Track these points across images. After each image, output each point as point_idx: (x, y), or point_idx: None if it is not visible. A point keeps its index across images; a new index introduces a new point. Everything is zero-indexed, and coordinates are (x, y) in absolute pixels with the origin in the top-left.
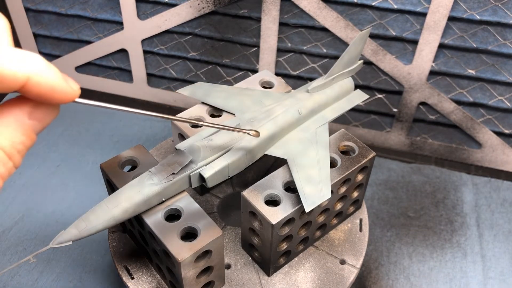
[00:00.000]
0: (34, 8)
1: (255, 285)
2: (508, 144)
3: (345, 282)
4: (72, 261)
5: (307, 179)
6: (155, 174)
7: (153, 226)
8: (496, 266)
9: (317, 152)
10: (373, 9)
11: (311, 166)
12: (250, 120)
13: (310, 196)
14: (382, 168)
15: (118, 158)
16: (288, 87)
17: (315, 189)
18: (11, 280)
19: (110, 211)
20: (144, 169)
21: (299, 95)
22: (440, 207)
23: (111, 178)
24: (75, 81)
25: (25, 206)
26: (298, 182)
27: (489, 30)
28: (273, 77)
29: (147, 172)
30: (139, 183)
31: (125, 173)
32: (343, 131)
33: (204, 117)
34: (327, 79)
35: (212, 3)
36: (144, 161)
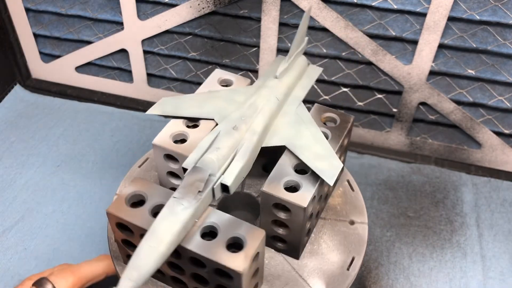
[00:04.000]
0: (34, 8)
1: (290, 271)
2: (508, 144)
3: (363, 238)
4: (72, 261)
5: (315, 156)
6: (182, 198)
7: (198, 249)
8: (496, 266)
9: (309, 130)
10: (373, 9)
11: (312, 144)
12: (241, 119)
13: (326, 170)
14: (382, 168)
15: (122, 198)
16: (247, 80)
17: (327, 163)
18: (11, 280)
19: (156, 250)
20: (156, 199)
21: (269, 83)
22: (440, 207)
23: (125, 220)
24: (75, 81)
25: (25, 206)
26: (309, 162)
27: (489, 30)
28: (228, 74)
29: (172, 199)
30: (171, 213)
31: (139, 210)
32: (317, 105)
33: (185, 131)
34: (289, 62)
35: (212, 3)
36: (151, 192)
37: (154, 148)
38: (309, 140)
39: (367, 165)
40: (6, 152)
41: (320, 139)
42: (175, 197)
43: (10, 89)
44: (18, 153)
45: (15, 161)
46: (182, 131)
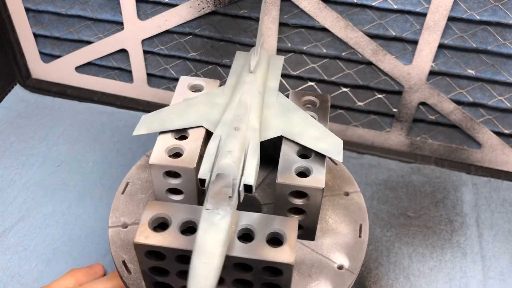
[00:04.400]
0: (34, 8)
1: (311, 253)
2: (508, 144)
3: (362, 206)
4: (72, 261)
5: (314, 139)
6: (216, 207)
7: (244, 254)
8: (495, 266)
9: (298, 116)
10: (373, 9)
11: (306, 128)
12: (237, 118)
13: (331, 149)
14: (382, 168)
15: (145, 225)
16: (216, 81)
17: (328, 142)
18: (11, 280)
19: (211, 265)
20: (181, 217)
21: (246, 79)
22: (440, 207)
23: (158, 245)
24: (75, 81)
25: (25, 206)
26: (311, 145)
27: (489, 30)
28: (196, 79)
29: (205, 211)
30: (211, 224)
31: (167, 232)
32: (293, 91)
33: (179, 144)
34: (258, 55)
35: (212, 3)
36: (173, 212)
37: (153, 168)
38: (302, 125)
39: (367, 165)
40: (6, 152)
41: (311, 122)
42: (209, 209)
43: (10, 89)
44: (18, 153)
45: (15, 161)
46: (175, 145)
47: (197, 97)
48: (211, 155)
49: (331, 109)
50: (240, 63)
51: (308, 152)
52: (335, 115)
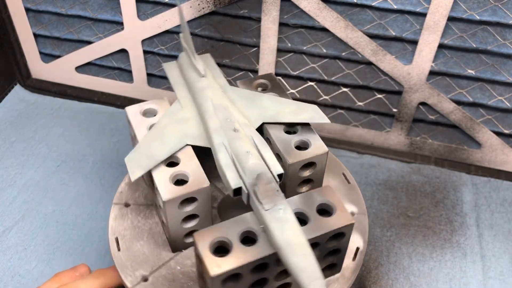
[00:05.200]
0: (34, 8)
1: None
2: (508, 144)
3: (363, 229)
4: (72, 261)
5: (294, 113)
6: (275, 204)
7: (312, 233)
8: (495, 266)
9: (265, 100)
10: (373, 9)
11: (281, 107)
12: (228, 122)
13: (313, 116)
14: (382, 168)
15: (209, 256)
16: (165, 99)
17: (306, 111)
18: (11, 280)
19: (308, 253)
20: (235, 231)
21: (203, 83)
22: (440, 207)
23: (237, 267)
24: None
25: (25, 206)
26: (294, 119)
27: (488, 30)
28: (142, 104)
29: (266, 212)
30: (281, 221)
31: (235, 251)
32: (240, 81)
33: (180, 171)
34: (198, 59)
35: (212, 3)
36: (224, 231)
37: (168, 204)
38: (274, 106)
39: (367, 165)
40: (6, 152)
41: (280, 100)
42: (268, 208)
43: (10, 89)
44: (18, 153)
45: (15, 161)
46: (175, 172)
47: (160, 120)
48: (229, 164)
49: (331, 109)
50: (176, 74)
51: (292, 128)
52: (335, 115)
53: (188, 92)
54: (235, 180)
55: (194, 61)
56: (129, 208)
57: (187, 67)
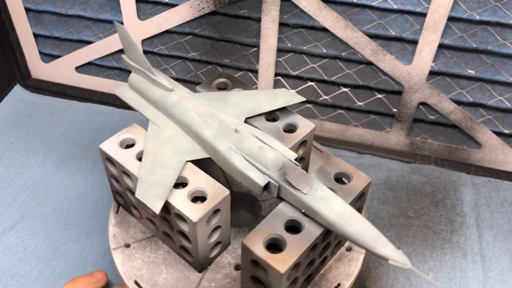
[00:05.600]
0: (34, 8)
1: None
2: (508, 144)
3: (356, 264)
4: (72, 261)
5: (269, 101)
6: (311, 185)
7: (349, 196)
8: (495, 266)
9: (236, 97)
10: (373, 9)
11: (254, 100)
12: (224, 126)
13: (289, 99)
14: (382, 168)
15: (269, 255)
16: (135, 125)
17: (280, 96)
18: (11, 280)
19: (361, 217)
20: (283, 217)
21: (175, 97)
22: (440, 207)
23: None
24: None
25: (25, 206)
26: (273, 106)
27: (488, 30)
28: (118, 136)
29: (307, 196)
30: (324, 199)
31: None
32: (199, 86)
33: (195, 188)
34: (158, 74)
35: (212, 3)
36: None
37: (199, 224)
38: (248, 100)
39: (367, 165)
40: (6, 152)
41: (249, 93)
42: (307, 192)
43: (10, 89)
44: (18, 153)
45: (15, 161)
46: (193, 191)
47: (146, 147)
48: (246, 165)
49: (331, 108)
50: (134, 96)
51: (271, 116)
52: (335, 115)
53: (158, 111)
54: (261, 177)
55: (156, 78)
56: (132, 248)
57: (147, 86)
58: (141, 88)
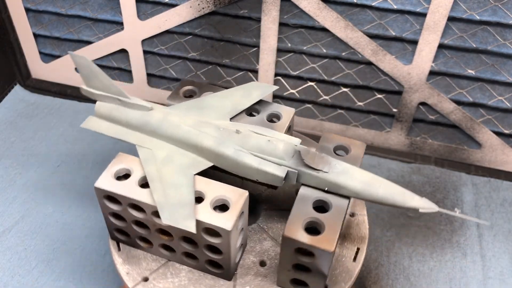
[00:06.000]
0: (34, 8)
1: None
2: (508, 144)
3: (355, 266)
4: (72, 261)
5: (246, 97)
6: (329, 163)
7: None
8: (495, 266)
9: (208, 102)
10: (373, 9)
11: (231, 99)
12: (222, 130)
13: (262, 91)
14: (382, 168)
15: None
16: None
17: (254, 89)
18: (12, 279)
19: (385, 180)
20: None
21: (158, 115)
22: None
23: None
24: (75, 81)
25: (25, 206)
26: (251, 101)
27: (488, 30)
28: (111, 167)
29: (328, 174)
30: (345, 173)
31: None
32: (167, 99)
33: (219, 197)
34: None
35: (212, 3)
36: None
37: (232, 232)
38: (224, 100)
39: (367, 165)
40: (6, 152)
41: (222, 94)
42: (328, 170)
43: (10, 89)
44: (18, 153)
45: (15, 161)
46: (214, 200)
47: (148, 172)
48: (261, 161)
49: (331, 108)
50: (107, 125)
51: (251, 111)
52: (335, 115)
53: (143, 133)
54: (279, 169)
55: (131, 100)
56: (152, 280)
57: (121, 111)
58: (114, 115)
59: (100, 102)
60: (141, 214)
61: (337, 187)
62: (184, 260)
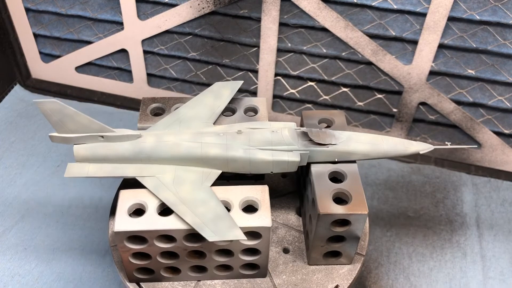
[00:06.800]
0: (34, 8)
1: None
2: (508, 144)
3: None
4: (72, 261)
5: (217, 98)
6: (334, 136)
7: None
8: (496, 266)
9: (183, 112)
10: (373, 9)
11: (203, 103)
12: (222, 136)
13: (232, 88)
14: (382, 168)
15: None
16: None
17: (222, 88)
18: (11, 280)
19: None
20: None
21: (149, 140)
22: (440, 207)
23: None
24: (75, 80)
25: (25, 206)
26: (224, 101)
27: (489, 30)
28: (123, 207)
29: (337, 146)
30: (348, 140)
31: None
32: (138, 124)
33: (249, 200)
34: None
35: (212, 3)
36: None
37: (269, 230)
38: (200, 107)
39: (367, 165)
40: (6, 152)
41: (194, 102)
42: (335, 142)
43: (10, 89)
44: (18, 153)
45: (15, 161)
46: (243, 200)
47: (166, 198)
48: (273, 153)
49: (331, 108)
50: (94, 167)
51: (230, 109)
52: None
53: (139, 163)
54: (293, 155)
55: (117, 133)
56: None
57: (107, 148)
58: (100, 153)
59: (79, 145)
60: (170, 243)
61: (348, 154)
62: (216, 274)
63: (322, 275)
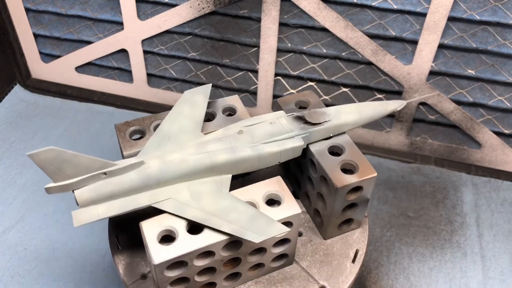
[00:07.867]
0: (34, 8)
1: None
2: (508, 144)
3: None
4: (72, 261)
5: (193, 106)
6: (325, 113)
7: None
8: (496, 266)
9: (167, 129)
10: (373, 9)
11: (184, 103)
12: (224, 140)
13: (205, 87)
14: (382, 168)
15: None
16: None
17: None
18: (11, 280)
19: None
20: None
21: (152, 164)
22: (440, 207)
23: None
24: (75, 80)
25: (25, 206)
26: (204, 98)
27: (488, 30)
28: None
29: (332, 121)
30: (339, 114)
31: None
32: (126, 145)
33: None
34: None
35: (212, 3)
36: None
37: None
38: (181, 119)
39: None
40: (6, 152)
41: (173, 115)
42: (328, 119)
43: (10, 89)
44: (18, 153)
45: (15, 161)
46: (266, 194)
47: (192, 217)
48: (279, 143)
49: None
50: (103, 207)
51: (210, 114)
52: None
53: (147, 190)
54: (297, 140)
55: (120, 165)
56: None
57: (112, 183)
58: (105, 191)
59: (80, 189)
60: (208, 259)
61: (341, 127)
62: (248, 276)
63: (340, 245)
